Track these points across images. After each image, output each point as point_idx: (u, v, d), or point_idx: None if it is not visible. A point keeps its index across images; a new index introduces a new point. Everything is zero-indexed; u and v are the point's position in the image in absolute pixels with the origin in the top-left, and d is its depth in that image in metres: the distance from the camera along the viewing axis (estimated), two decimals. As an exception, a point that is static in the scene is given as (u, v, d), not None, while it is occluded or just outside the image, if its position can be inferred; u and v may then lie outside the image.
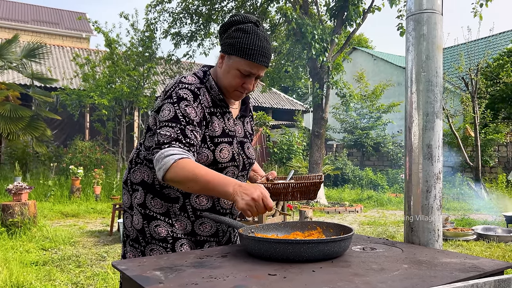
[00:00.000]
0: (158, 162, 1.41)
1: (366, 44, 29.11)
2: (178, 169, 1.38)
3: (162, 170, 1.39)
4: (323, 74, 10.18)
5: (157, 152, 1.43)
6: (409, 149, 1.60)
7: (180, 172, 1.37)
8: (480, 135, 11.93)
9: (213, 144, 1.57)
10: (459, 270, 1.15)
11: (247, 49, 1.49)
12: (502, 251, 5.40)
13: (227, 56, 1.55)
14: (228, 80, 1.56)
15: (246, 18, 1.55)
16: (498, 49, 17.21)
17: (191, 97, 1.51)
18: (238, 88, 1.57)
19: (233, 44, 1.51)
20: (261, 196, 1.33)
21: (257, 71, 1.54)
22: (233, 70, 1.53)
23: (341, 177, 14.52)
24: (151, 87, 13.63)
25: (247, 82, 1.56)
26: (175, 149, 1.42)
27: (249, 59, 1.50)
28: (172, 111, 1.48)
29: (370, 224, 7.79)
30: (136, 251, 1.64)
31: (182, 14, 13.17)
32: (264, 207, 1.33)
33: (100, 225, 7.43)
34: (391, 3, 9.96)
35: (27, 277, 4.02)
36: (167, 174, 1.39)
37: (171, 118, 1.47)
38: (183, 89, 1.52)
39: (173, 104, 1.49)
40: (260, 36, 1.52)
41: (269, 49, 1.55)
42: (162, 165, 1.39)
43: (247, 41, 1.50)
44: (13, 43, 10.83)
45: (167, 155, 1.40)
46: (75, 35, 23.99)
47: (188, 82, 1.55)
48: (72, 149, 13.00)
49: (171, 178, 1.39)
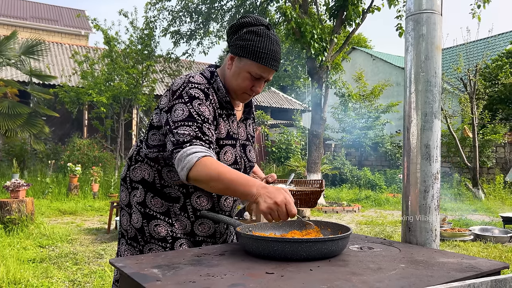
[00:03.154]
0: (181, 162, 1.37)
1: (365, 44, 29.12)
2: (202, 167, 1.34)
3: (186, 169, 1.35)
4: (322, 73, 10.18)
5: (179, 151, 1.39)
6: (407, 149, 1.60)
7: (204, 171, 1.34)
8: (478, 136, 11.96)
9: (219, 146, 1.55)
10: (456, 270, 1.15)
11: (259, 52, 1.48)
12: (499, 252, 5.41)
13: (237, 58, 1.53)
14: (237, 82, 1.54)
15: (257, 20, 1.53)
16: (497, 50, 17.25)
17: (202, 96, 1.49)
18: (247, 91, 1.56)
19: (245, 47, 1.49)
20: (285, 201, 1.29)
21: (267, 74, 1.53)
22: (243, 73, 1.52)
23: (339, 177, 14.53)
24: (150, 85, 13.61)
25: (257, 85, 1.55)
26: (197, 146, 1.39)
27: (261, 62, 1.49)
28: (186, 111, 1.45)
29: (367, 223, 7.80)
30: (134, 250, 1.62)
31: (181, 12, 13.16)
32: (286, 213, 1.29)
33: (98, 222, 7.43)
34: (390, 3, 9.96)
35: (24, 274, 4.01)
36: (191, 173, 1.35)
37: (186, 117, 1.44)
38: (194, 89, 1.49)
39: (186, 104, 1.46)
40: (272, 40, 1.51)
41: (280, 53, 1.54)
42: (185, 163, 1.36)
43: (260, 44, 1.48)
44: (11, 39, 10.80)
45: (190, 153, 1.36)
46: (74, 32, 23.95)
47: (197, 81, 1.52)
48: (70, 147, 12.97)
49: (195, 177, 1.36)
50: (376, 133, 15.58)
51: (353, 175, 14.35)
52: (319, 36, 9.60)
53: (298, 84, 25.45)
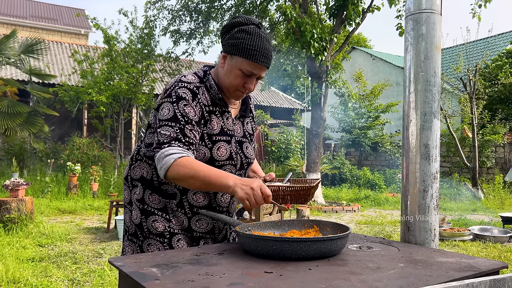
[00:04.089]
0: (159, 162, 1.46)
1: (365, 43, 29.11)
2: (179, 167, 1.42)
3: (164, 169, 1.44)
4: (322, 73, 10.17)
5: (158, 151, 1.48)
6: (406, 149, 1.60)
7: (181, 170, 1.42)
8: (478, 135, 11.96)
9: (211, 142, 1.60)
10: (455, 269, 1.15)
11: (249, 49, 1.53)
12: (498, 252, 5.42)
13: (229, 56, 1.58)
14: (229, 80, 1.59)
15: (248, 20, 1.59)
16: (497, 50, 17.25)
17: (190, 96, 1.55)
18: (239, 88, 1.61)
19: (236, 45, 1.55)
20: (260, 185, 1.39)
21: (258, 71, 1.58)
22: (235, 70, 1.57)
23: (339, 177, 14.54)
24: (150, 85, 13.61)
25: (248, 82, 1.60)
26: (174, 148, 1.46)
27: (251, 59, 1.54)
28: (172, 111, 1.52)
29: (367, 223, 7.81)
30: (134, 245, 1.67)
31: (181, 11, 13.15)
32: (262, 196, 1.38)
33: (97, 222, 7.43)
34: (390, 3, 9.96)
35: (23, 273, 4.01)
36: (168, 173, 1.44)
37: (170, 117, 1.51)
38: (182, 88, 1.55)
39: (172, 104, 1.53)
40: (262, 38, 1.56)
41: (270, 50, 1.60)
42: (163, 164, 1.44)
43: (250, 42, 1.54)
44: (11, 38, 10.80)
45: (167, 155, 1.44)
46: (74, 31, 23.94)
47: (188, 81, 1.58)
48: (69, 146, 12.97)
49: (173, 176, 1.44)
50: (375, 132, 15.59)
51: (353, 175, 14.36)
52: (319, 36, 9.60)
53: (298, 83, 25.45)
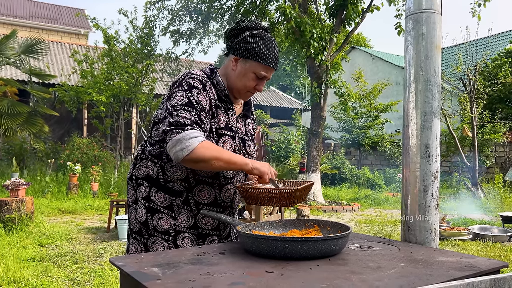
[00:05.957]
0: (180, 143, 1.47)
1: (365, 43, 29.09)
2: (205, 149, 1.48)
3: (187, 150, 1.46)
4: (322, 73, 10.17)
5: (179, 132, 1.48)
6: (406, 148, 1.60)
7: (207, 152, 1.48)
8: (478, 135, 11.95)
9: (217, 135, 1.64)
10: (455, 268, 1.15)
11: (263, 54, 1.62)
12: (498, 251, 5.42)
13: (242, 59, 1.64)
14: (242, 82, 1.66)
15: (257, 24, 1.66)
16: (497, 49, 17.24)
17: (200, 86, 1.61)
18: (251, 90, 1.69)
19: (250, 49, 1.62)
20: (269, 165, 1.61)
21: (270, 74, 1.68)
22: (249, 73, 1.64)
23: (339, 176, 14.53)
24: (149, 84, 13.60)
25: (260, 84, 1.68)
26: (197, 131, 1.50)
27: (265, 63, 1.63)
28: (186, 97, 1.56)
29: (367, 223, 7.81)
30: (138, 243, 1.68)
31: (181, 11, 13.15)
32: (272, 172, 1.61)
33: (97, 221, 7.43)
34: (390, 1, 9.95)
35: (24, 273, 4.01)
36: (192, 154, 1.46)
37: (186, 103, 1.55)
38: (193, 79, 1.61)
39: (185, 91, 1.57)
40: (272, 42, 1.66)
41: (278, 53, 1.70)
42: (187, 145, 1.46)
43: (263, 47, 1.62)
44: (11, 38, 10.78)
45: (192, 137, 1.47)
46: (74, 32, 23.92)
47: (197, 73, 1.64)
48: (69, 146, 12.97)
49: (196, 157, 1.47)
50: (375, 132, 15.59)
51: (353, 174, 14.35)
52: (319, 36, 9.60)
53: (298, 83, 25.46)
